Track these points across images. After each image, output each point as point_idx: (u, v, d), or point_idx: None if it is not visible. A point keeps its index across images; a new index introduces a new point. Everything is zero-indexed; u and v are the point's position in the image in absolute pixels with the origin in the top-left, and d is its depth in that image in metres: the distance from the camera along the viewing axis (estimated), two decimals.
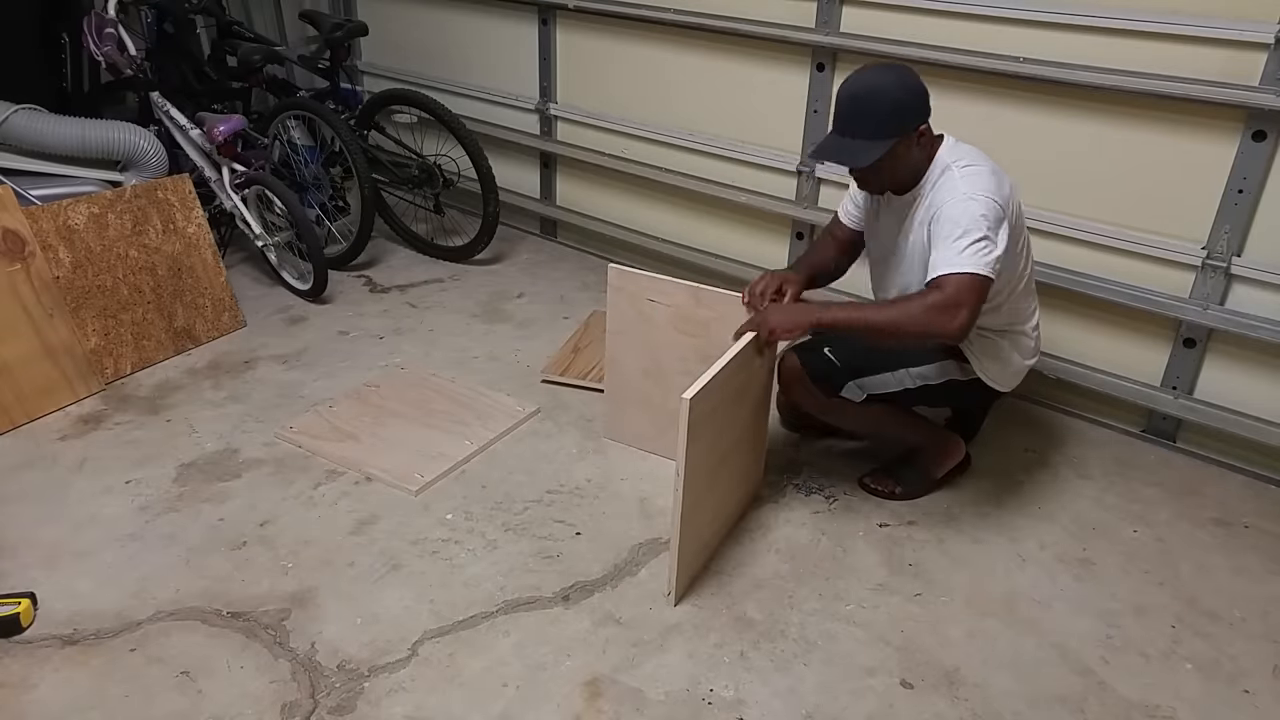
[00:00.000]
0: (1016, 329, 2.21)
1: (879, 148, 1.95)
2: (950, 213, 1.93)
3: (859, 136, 1.97)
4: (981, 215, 1.90)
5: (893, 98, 1.95)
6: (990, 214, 1.91)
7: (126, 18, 3.26)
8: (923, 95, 1.99)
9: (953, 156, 2.03)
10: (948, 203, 1.95)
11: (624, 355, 2.48)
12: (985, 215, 1.90)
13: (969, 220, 1.89)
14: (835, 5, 2.88)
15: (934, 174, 2.03)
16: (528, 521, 2.29)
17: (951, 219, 1.92)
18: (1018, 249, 2.08)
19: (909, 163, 2.04)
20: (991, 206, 1.92)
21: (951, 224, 1.91)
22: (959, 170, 1.98)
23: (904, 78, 1.98)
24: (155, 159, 3.30)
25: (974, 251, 1.88)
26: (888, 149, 1.95)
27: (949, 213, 1.93)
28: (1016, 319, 2.21)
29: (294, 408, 2.73)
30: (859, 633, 1.97)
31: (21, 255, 2.62)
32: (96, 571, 2.09)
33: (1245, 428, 2.50)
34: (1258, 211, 2.38)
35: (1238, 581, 2.16)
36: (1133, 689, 1.86)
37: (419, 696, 1.79)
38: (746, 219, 3.39)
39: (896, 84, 1.96)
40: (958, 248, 1.89)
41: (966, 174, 1.97)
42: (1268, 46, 2.24)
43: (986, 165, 2.01)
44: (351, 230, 3.58)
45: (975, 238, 1.88)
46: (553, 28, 3.66)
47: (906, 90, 1.96)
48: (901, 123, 1.96)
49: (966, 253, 1.88)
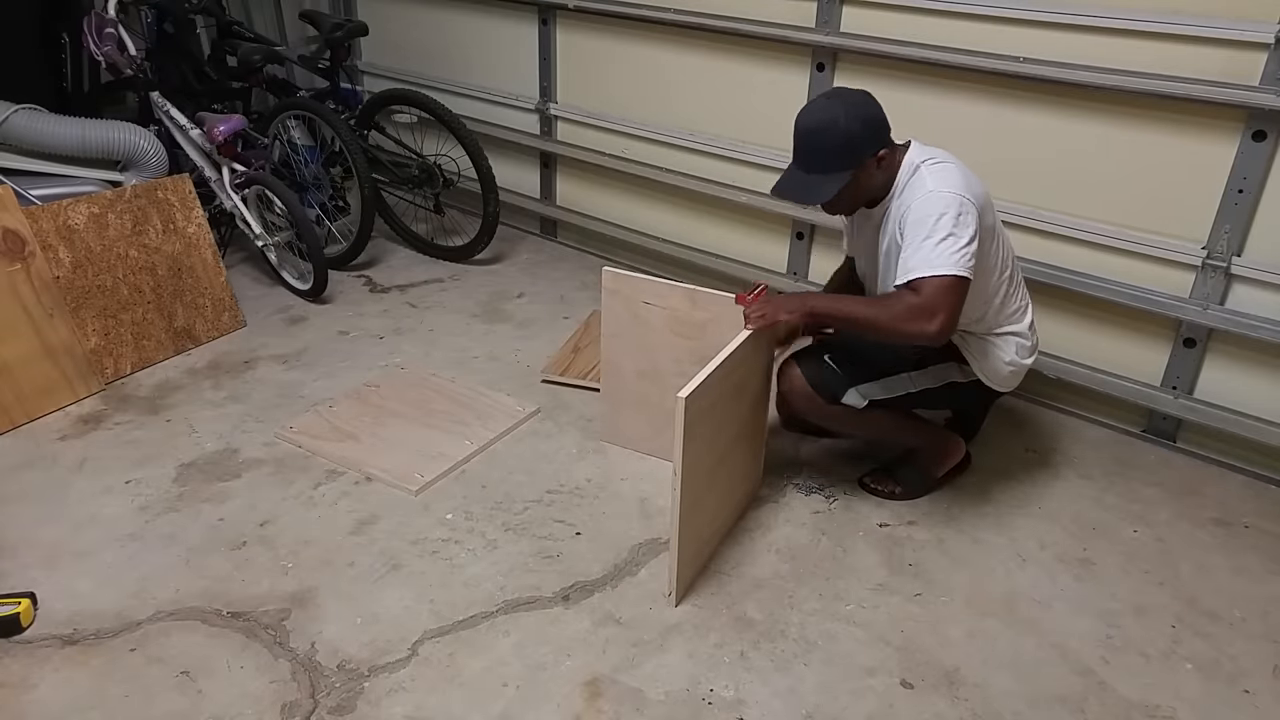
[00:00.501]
0: (1010, 330, 2.20)
1: (835, 181, 1.98)
2: (921, 210, 1.92)
3: (814, 171, 2.00)
4: (952, 211, 1.89)
5: (845, 131, 1.95)
6: (961, 210, 1.90)
7: (126, 18, 3.26)
8: (876, 123, 1.99)
9: (921, 156, 2.02)
10: (917, 199, 1.95)
11: (620, 358, 2.48)
12: (956, 211, 1.89)
13: (939, 216, 1.89)
14: (835, 5, 2.88)
15: (904, 176, 2.03)
16: (528, 521, 2.29)
17: (922, 217, 1.91)
18: (991, 248, 2.05)
19: (871, 186, 2.06)
20: (961, 202, 1.91)
21: (921, 221, 1.91)
22: (927, 169, 1.98)
23: (855, 108, 1.98)
24: (155, 159, 3.30)
25: (947, 249, 1.87)
26: (845, 182, 1.98)
27: (920, 210, 1.92)
28: (1009, 320, 2.20)
29: (294, 408, 2.73)
30: (859, 633, 1.97)
31: (21, 255, 2.62)
32: (96, 571, 2.09)
33: (1245, 428, 2.50)
34: (1258, 211, 2.38)
35: (1238, 581, 2.16)
36: (1133, 689, 1.86)
37: (419, 696, 1.79)
38: (746, 219, 3.39)
39: (847, 115, 1.96)
40: (929, 245, 1.88)
41: (934, 171, 1.97)
42: (1268, 46, 2.24)
43: (954, 163, 2.01)
44: (351, 230, 3.58)
45: (945, 234, 1.87)
46: (553, 28, 3.66)
47: (858, 121, 1.96)
48: (855, 154, 1.97)
49: (939, 251, 1.87)
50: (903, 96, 2.85)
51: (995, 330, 2.19)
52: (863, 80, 2.93)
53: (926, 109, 2.80)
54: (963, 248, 1.88)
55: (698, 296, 2.30)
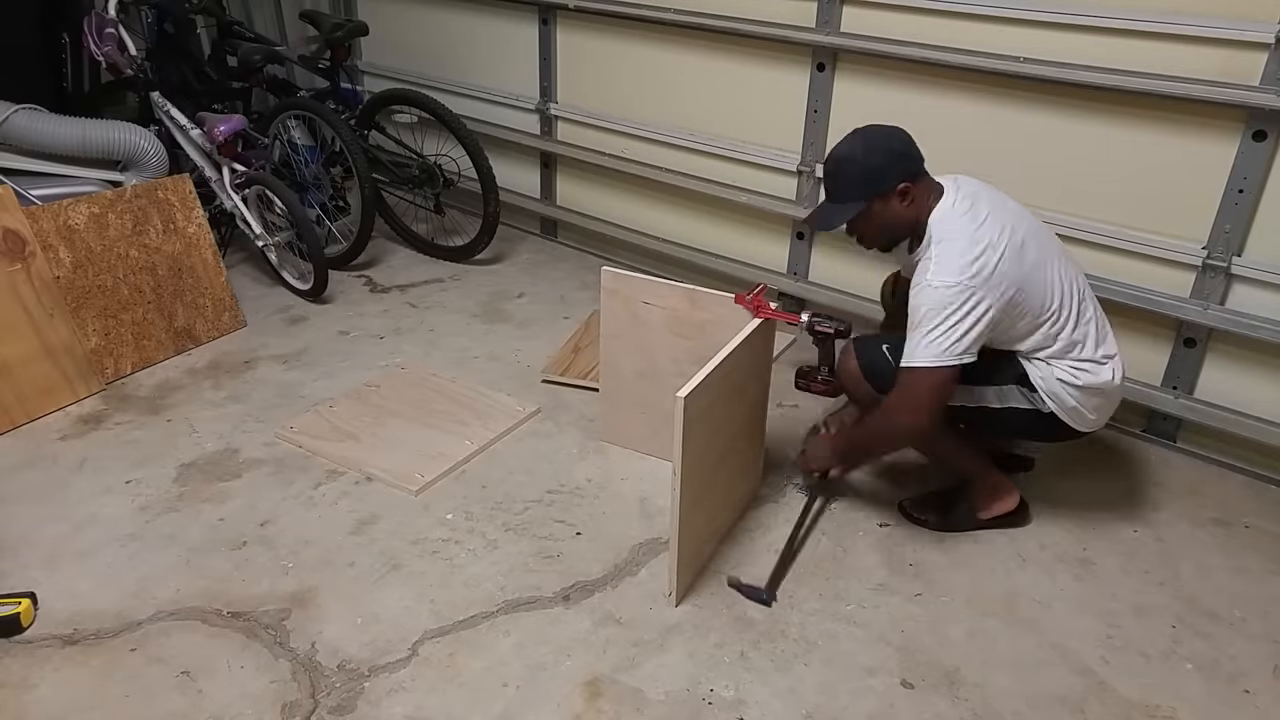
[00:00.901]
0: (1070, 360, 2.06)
1: (850, 210, 2.04)
2: (919, 299, 1.95)
3: (835, 201, 2.07)
4: (950, 308, 1.91)
5: (862, 164, 2.01)
6: (957, 303, 1.90)
7: (127, 18, 3.26)
8: (896, 156, 2.00)
9: (939, 229, 1.98)
10: (915, 288, 1.97)
11: (619, 358, 2.48)
12: (953, 306, 1.91)
13: (933, 310, 1.92)
14: (835, 5, 2.88)
15: (926, 244, 2.01)
16: (528, 521, 2.29)
17: (915, 306, 1.96)
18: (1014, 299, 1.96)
19: (892, 220, 2.05)
20: (959, 294, 1.90)
21: (916, 310, 1.95)
22: (935, 250, 1.97)
23: (875, 141, 2.02)
24: (155, 159, 3.30)
25: (931, 341, 1.92)
26: (859, 210, 2.02)
27: (918, 299, 1.96)
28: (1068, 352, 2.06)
29: (294, 408, 2.73)
30: (859, 633, 1.97)
31: (22, 255, 2.62)
32: (96, 571, 2.09)
33: (1245, 428, 2.50)
34: (1258, 211, 2.38)
35: (1238, 581, 2.16)
36: (1133, 689, 1.86)
37: (419, 696, 1.79)
38: (746, 219, 3.39)
39: (866, 149, 2.02)
40: (916, 336, 1.94)
41: (938, 254, 1.95)
42: (1268, 46, 2.24)
43: (965, 233, 1.94)
44: (352, 230, 3.58)
45: (932, 325, 1.92)
46: (553, 28, 3.66)
47: (877, 153, 2.01)
48: (874, 186, 2.00)
49: (924, 343, 1.93)
50: (903, 96, 2.85)
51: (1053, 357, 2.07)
52: (863, 80, 2.93)
53: (926, 109, 2.80)
54: (958, 340, 1.91)
55: (697, 296, 2.30)
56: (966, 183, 2.06)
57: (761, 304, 2.16)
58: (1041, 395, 2.08)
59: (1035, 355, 2.08)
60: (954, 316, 1.91)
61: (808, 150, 3.11)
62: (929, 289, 1.93)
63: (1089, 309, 2.09)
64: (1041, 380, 2.08)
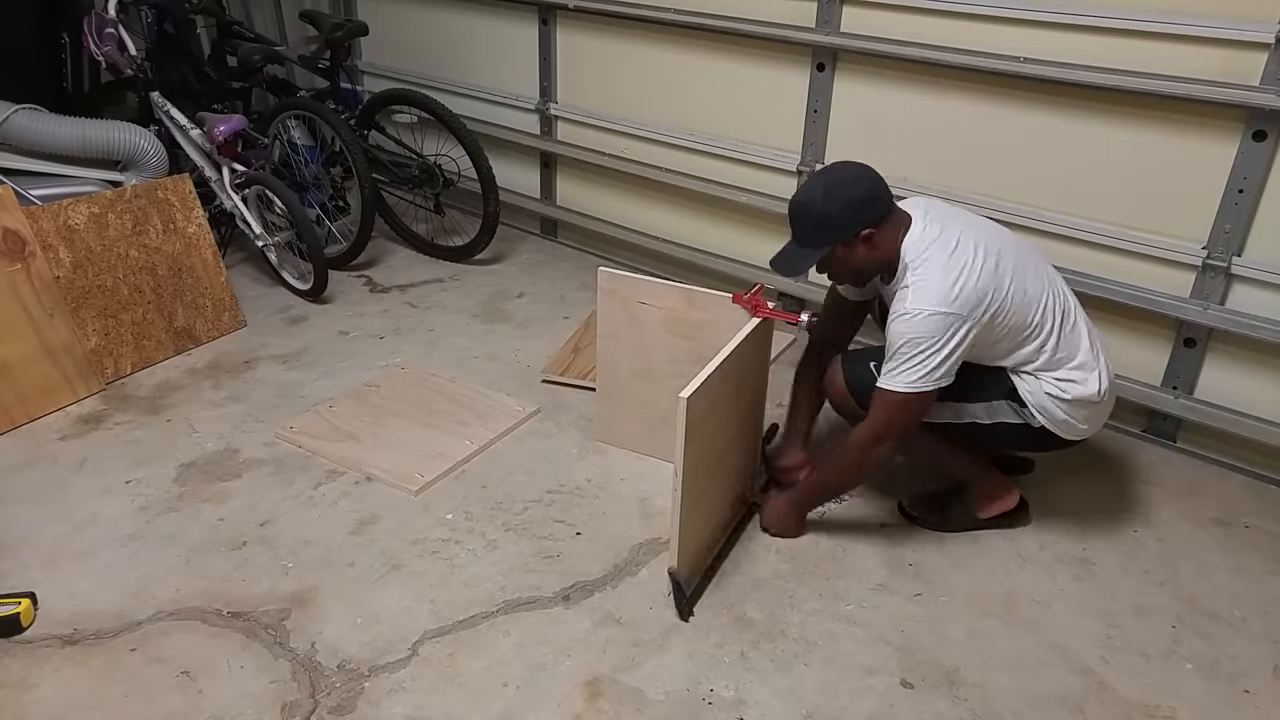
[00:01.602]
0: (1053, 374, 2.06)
1: (811, 256, 2.02)
2: (895, 329, 1.94)
3: (799, 244, 2.04)
4: (926, 339, 1.90)
5: (821, 211, 1.97)
6: (935, 332, 1.89)
7: (126, 18, 3.26)
8: (857, 203, 1.95)
9: (912, 257, 1.96)
10: (894, 318, 1.95)
11: (616, 358, 2.48)
12: (930, 336, 1.90)
13: (911, 338, 1.91)
14: (835, 5, 2.88)
15: (901, 273, 1.99)
16: (528, 521, 2.29)
17: (895, 334, 1.94)
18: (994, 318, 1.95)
19: (857, 264, 2.02)
20: (936, 325, 1.89)
21: (894, 339, 1.94)
22: (911, 278, 1.95)
23: (836, 187, 1.97)
24: (155, 159, 3.30)
25: (910, 369, 1.92)
26: (820, 256, 2.01)
27: (894, 328, 1.94)
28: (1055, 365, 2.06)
29: (294, 408, 2.73)
30: (859, 633, 1.97)
31: (22, 255, 2.62)
32: (96, 571, 2.09)
33: (1245, 428, 2.50)
34: (1258, 211, 2.38)
35: (1238, 581, 2.16)
36: (1133, 689, 1.86)
37: (419, 696, 1.79)
38: (746, 219, 3.39)
39: (825, 195, 1.97)
40: (894, 364, 1.94)
41: (915, 283, 1.93)
42: (1268, 46, 2.24)
43: (939, 261, 1.93)
44: (351, 230, 3.58)
45: (912, 354, 1.91)
46: (553, 28, 3.66)
47: (836, 200, 1.95)
48: (832, 232, 1.97)
49: (902, 370, 1.93)
50: (903, 96, 2.86)
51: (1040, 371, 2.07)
52: (863, 80, 2.93)
53: (926, 109, 2.80)
54: (935, 367, 1.91)
55: (694, 296, 2.29)
56: (934, 206, 2.04)
57: (760, 303, 2.16)
58: (1031, 410, 2.07)
59: (1023, 369, 2.07)
60: (934, 345, 1.90)
61: (807, 150, 3.11)
62: (907, 319, 1.91)
63: (1073, 318, 2.07)
64: (1030, 394, 2.07)
